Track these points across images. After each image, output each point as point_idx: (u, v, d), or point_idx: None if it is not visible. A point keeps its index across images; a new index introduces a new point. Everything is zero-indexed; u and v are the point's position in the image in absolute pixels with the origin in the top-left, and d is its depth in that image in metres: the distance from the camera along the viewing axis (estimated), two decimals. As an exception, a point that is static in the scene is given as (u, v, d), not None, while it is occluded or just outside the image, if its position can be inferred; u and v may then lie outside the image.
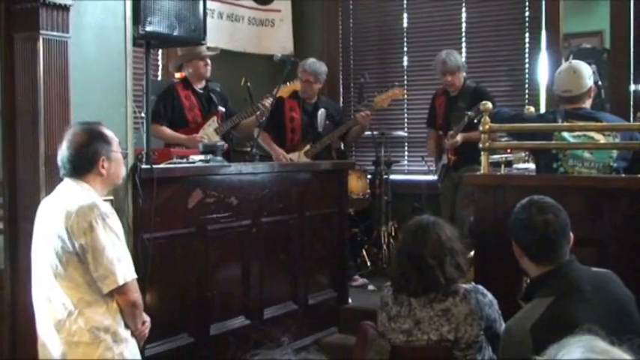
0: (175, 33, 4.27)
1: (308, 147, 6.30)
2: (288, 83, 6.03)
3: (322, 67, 6.39)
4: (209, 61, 5.93)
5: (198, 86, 5.93)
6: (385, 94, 6.42)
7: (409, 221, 3.35)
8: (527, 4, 7.04)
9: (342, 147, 6.93)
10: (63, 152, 3.16)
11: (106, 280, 3.01)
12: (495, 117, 4.19)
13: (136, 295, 3.12)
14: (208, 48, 5.88)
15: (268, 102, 5.80)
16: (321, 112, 6.41)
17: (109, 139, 3.24)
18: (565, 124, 4.12)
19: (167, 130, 5.70)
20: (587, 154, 4.02)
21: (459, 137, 5.92)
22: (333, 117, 6.52)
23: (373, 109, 6.42)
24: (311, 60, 6.38)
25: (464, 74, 6.32)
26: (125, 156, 3.52)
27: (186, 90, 5.89)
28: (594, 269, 2.93)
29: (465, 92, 6.13)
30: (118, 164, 3.29)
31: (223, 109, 5.98)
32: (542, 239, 2.85)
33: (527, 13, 7.05)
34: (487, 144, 4.04)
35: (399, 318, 3.22)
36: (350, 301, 5.73)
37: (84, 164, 3.15)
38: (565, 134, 4.08)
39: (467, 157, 5.75)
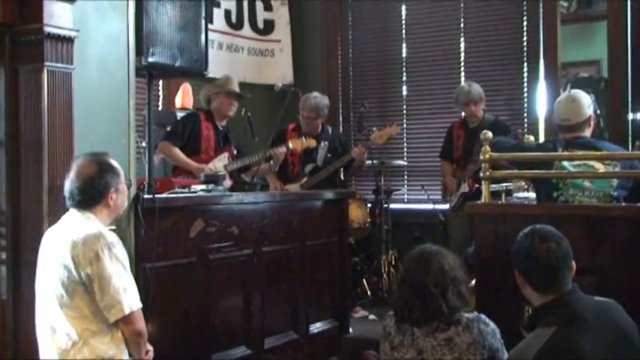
0: (177, 64, 4.31)
1: (305, 180, 6.36)
2: (303, 139, 6.14)
3: (323, 101, 6.45)
4: (235, 102, 5.99)
5: (220, 123, 6.00)
6: (382, 132, 6.46)
7: (412, 250, 3.37)
8: (525, 33, 7.11)
9: (342, 177, 6.96)
10: (72, 183, 3.17)
11: (112, 310, 3.02)
12: (496, 146, 4.21)
13: (141, 324, 3.12)
14: (239, 94, 6.01)
15: (282, 150, 5.83)
16: (323, 145, 6.47)
17: (117, 170, 3.27)
18: (565, 153, 4.15)
19: (178, 152, 5.77)
20: (587, 183, 4.05)
21: None
22: (336, 149, 6.57)
23: (369, 145, 6.46)
24: (313, 95, 6.43)
25: (483, 106, 6.37)
26: (129, 186, 3.54)
27: (208, 122, 5.96)
28: (597, 298, 2.94)
29: (485, 124, 6.08)
30: (124, 195, 3.33)
31: (235, 151, 6.04)
32: (544, 268, 2.87)
33: (525, 43, 7.11)
34: (487, 173, 4.06)
35: (402, 347, 3.22)
36: (351, 330, 5.72)
37: (95, 196, 3.17)
38: (565, 163, 4.10)
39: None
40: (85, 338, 3.02)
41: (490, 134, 4.11)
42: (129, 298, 3.05)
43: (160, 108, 6.90)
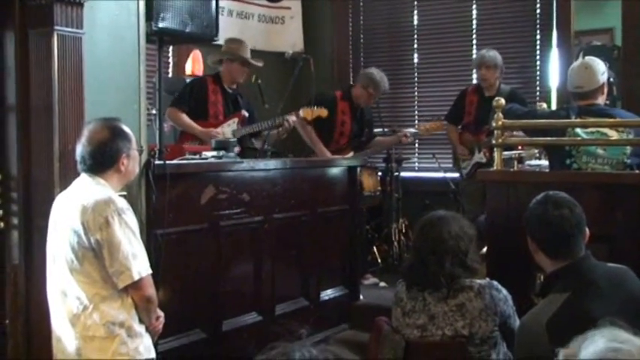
0: (188, 29, 4.30)
1: (351, 154, 6.35)
2: (314, 108, 5.91)
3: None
4: (248, 70, 5.94)
5: (229, 86, 5.94)
6: (429, 125, 6.52)
7: (423, 216, 3.37)
8: (538, 1, 7.03)
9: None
10: (84, 148, 3.16)
11: (121, 276, 3.01)
12: (508, 113, 4.18)
13: (150, 290, 3.12)
14: (252, 62, 5.94)
15: (293, 119, 5.79)
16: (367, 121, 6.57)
17: (129, 136, 3.26)
18: (578, 120, 4.11)
19: (185, 117, 5.71)
20: (600, 151, 4.01)
21: None
22: (370, 126, 6.65)
23: (417, 134, 6.55)
24: (385, 79, 6.42)
25: (498, 75, 6.32)
26: (140, 152, 3.52)
27: (215, 85, 5.89)
28: (610, 265, 2.92)
29: (501, 94, 6.01)
30: (135, 161, 3.31)
31: (246, 114, 5.96)
32: (557, 234, 2.85)
33: (538, 11, 7.05)
34: (500, 140, 4.03)
35: (414, 313, 3.22)
36: (361, 297, 5.73)
37: (106, 161, 3.16)
38: (578, 130, 4.07)
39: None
40: (96, 303, 3.02)
41: (503, 101, 4.08)
42: (138, 264, 3.04)
43: (170, 75, 6.87)
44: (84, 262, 3.03)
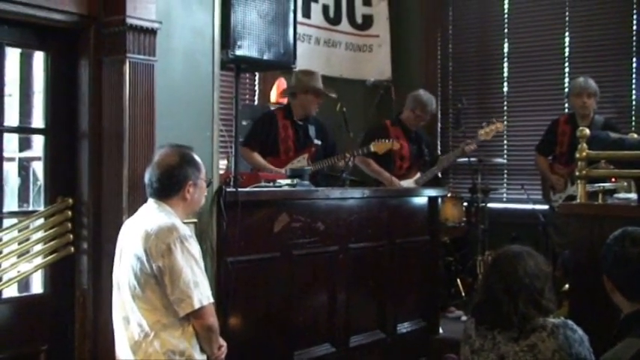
0: (265, 57, 4.29)
1: (418, 175, 6.27)
2: (385, 141, 5.84)
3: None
4: (322, 101, 5.88)
5: (299, 118, 5.87)
6: (489, 128, 6.34)
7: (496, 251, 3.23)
8: (634, 24, 6.78)
9: (440, 174, 6.82)
10: (152, 171, 3.17)
11: (182, 304, 2.99)
12: (594, 142, 3.99)
13: (212, 319, 3.09)
14: (326, 93, 5.86)
15: (351, 159, 5.69)
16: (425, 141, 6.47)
17: (199, 165, 3.25)
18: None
19: (257, 157, 5.65)
20: (693, 184, 3.78)
21: None
22: (429, 145, 6.57)
23: (478, 140, 6.34)
24: (430, 97, 6.35)
25: (595, 104, 6.14)
26: (209, 184, 3.49)
27: (286, 120, 5.83)
28: (691, 309, 2.72)
29: (596, 125, 5.84)
30: (202, 191, 3.30)
31: (319, 143, 5.90)
32: (635, 274, 2.68)
33: (634, 35, 6.77)
34: (584, 172, 3.86)
35: (483, 352, 3.08)
36: (441, 331, 5.58)
37: (172, 186, 3.16)
38: (669, 162, 3.85)
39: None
40: (157, 331, 3.01)
41: (587, 131, 3.93)
42: (199, 293, 3.01)
43: (256, 102, 6.90)
44: (146, 289, 3.02)
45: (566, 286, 3.91)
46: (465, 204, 6.72)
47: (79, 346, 3.70)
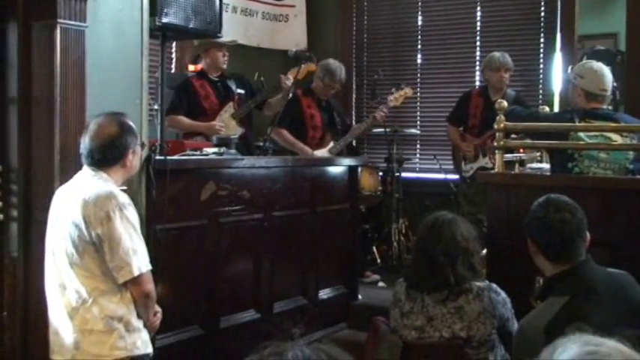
0: (191, 25, 4.29)
1: (332, 144, 6.33)
2: (301, 66, 5.97)
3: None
4: (227, 52, 5.99)
5: (214, 75, 6.00)
6: (398, 94, 6.43)
7: (428, 217, 3.35)
8: (542, 4, 7.02)
9: (354, 143, 6.93)
10: (91, 142, 3.14)
11: (121, 271, 3.01)
12: (511, 115, 4.16)
13: (150, 286, 3.12)
14: (229, 42, 5.95)
15: (289, 81, 5.86)
16: (336, 110, 6.51)
17: (135, 132, 3.26)
18: (581, 123, 4.09)
19: (185, 120, 5.78)
20: (603, 155, 3.98)
21: None
22: (341, 114, 6.62)
23: (388, 106, 6.42)
24: (338, 65, 6.39)
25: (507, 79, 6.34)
26: (142, 148, 3.51)
27: (201, 80, 5.98)
28: (610, 270, 2.91)
29: (507, 99, 6.01)
30: (138, 157, 3.33)
31: (242, 91, 6.06)
32: (558, 238, 2.84)
33: (542, 14, 7.02)
34: (502, 142, 4.02)
35: (412, 314, 3.22)
36: (360, 297, 5.72)
37: (115, 156, 3.16)
38: (581, 134, 4.05)
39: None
40: (95, 297, 3.02)
41: (505, 103, 4.08)
42: (138, 260, 3.04)
43: (173, 70, 6.86)
44: (84, 256, 3.03)
45: (484, 251, 4.06)
46: (381, 174, 6.86)
47: (9, 314, 3.65)
